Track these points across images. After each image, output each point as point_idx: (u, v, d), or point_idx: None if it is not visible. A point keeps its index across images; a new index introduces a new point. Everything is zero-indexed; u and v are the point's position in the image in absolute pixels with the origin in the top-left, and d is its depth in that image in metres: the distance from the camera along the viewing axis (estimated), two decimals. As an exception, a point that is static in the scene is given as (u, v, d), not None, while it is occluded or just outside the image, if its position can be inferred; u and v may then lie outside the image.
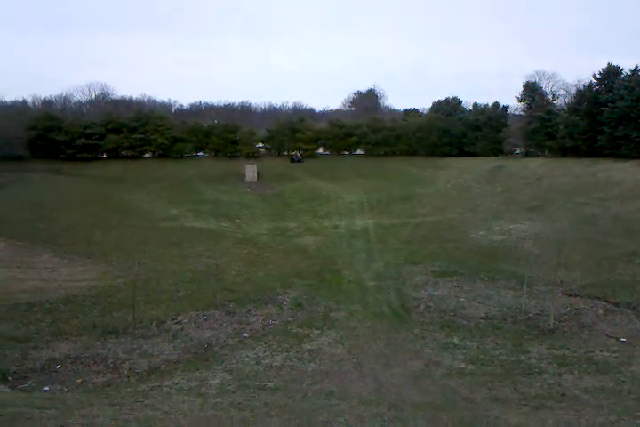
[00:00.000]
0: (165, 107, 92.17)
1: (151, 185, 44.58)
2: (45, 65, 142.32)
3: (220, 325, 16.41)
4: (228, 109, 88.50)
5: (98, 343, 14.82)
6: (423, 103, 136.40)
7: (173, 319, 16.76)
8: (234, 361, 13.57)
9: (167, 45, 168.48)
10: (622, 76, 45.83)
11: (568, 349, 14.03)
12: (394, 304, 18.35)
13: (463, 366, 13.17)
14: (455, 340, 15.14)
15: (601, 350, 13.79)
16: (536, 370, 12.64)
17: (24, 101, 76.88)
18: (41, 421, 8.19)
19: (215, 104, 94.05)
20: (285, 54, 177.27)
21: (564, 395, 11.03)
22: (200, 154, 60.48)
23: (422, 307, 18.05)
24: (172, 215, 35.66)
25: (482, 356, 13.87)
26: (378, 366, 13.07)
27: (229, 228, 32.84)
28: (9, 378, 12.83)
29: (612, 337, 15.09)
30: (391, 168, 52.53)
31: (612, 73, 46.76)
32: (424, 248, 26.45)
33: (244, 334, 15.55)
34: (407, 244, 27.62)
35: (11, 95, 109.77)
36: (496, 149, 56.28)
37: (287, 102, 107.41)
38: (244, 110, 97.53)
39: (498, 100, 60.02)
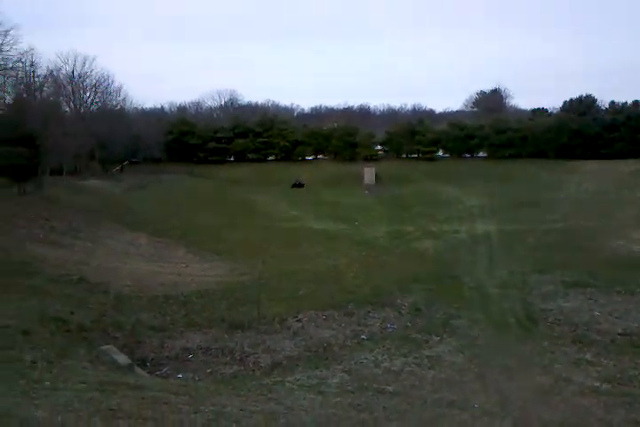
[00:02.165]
0: (288, 111, 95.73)
1: (274, 187, 46.43)
2: (180, 73, 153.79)
3: (339, 325, 16.63)
4: (348, 112, 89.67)
5: (226, 336, 15.67)
6: (553, 102, 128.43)
7: (294, 317, 17.25)
8: (352, 362, 13.69)
9: (290, 51, 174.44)
10: None
11: None
12: (519, 314, 17.44)
13: (597, 384, 12.19)
14: (588, 356, 14.06)
15: None
16: (686, 396, 11.38)
17: (162, 108, 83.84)
18: (176, 406, 8.82)
19: (335, 107, 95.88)
20: (405, 55, 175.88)
21: None
22: (320, 157, 61.96)
23: (551, 319, 16.97)
24: (293, 216, 36.86)
25: (618, 375, 12.74)
26: (502, 379, 12.51)
27: (347, 230, 33.23)
28: (147, 364, 13.97)
29: None
30: (516, 171, 50.10)
31: None
32: (553, 257, 24.86)
33: (363, 336, 15.63)
34: (534, 251, 26.14)
35: (150, 102, 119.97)
36: (636, 151, 51.54)
37: (406, 104, 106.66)
38: (363, 113, 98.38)
39: (639, 99, 55.07)
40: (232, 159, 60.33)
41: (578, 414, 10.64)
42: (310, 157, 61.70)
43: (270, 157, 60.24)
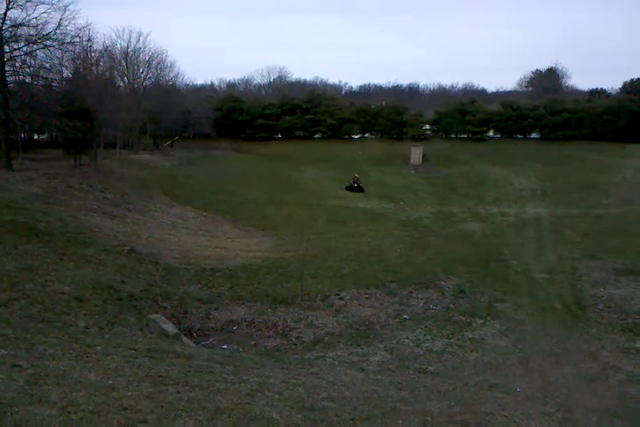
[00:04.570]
0: (336, 89, 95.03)
1: (320, 164, 46.39)
2: (230, 49, 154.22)
3: (381, 304, 16.68)
4: (396, 91, 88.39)
5: (269, 310, 15.98)
6: (613, 83, 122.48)
7: (337, 295, 17.39)
8: (394, 341, 13.75)
9: (339, 27, 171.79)
10: None
11: None
12: (567, 300, 17.03)
13: (647, 373, 11.87)
14: (638, 344, 13.67)
15: None
16: None
17: (212, 84, 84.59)
18: (222, 375, 9.09)
19: (383, 86, 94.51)
20: (457, 32, 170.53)
21: None
22: (367, 135, 61.37)
23: (600, 306, 16.50)
24: (339, 195, 36.82)
25: (672, 365, 12.36)
26: (546, 364, 12.32)
27: (392, 209, 33.02)
28: (194, 334, 14.42)
29: None
30: (570, 153, 48.32)
31: None
32: (605, 242, 24.03)
33: (405, 316, 15.64)
34: (585, 237, 25.34)
35: (200, 79, 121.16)
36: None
37: (457, 83, 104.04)
38: (412, 92, 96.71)
39: None
40: (279, 136, 60.50)
41: (624, 401, 10.41)
42: (357, 136, 61.19)
43: (317, 135, 60.06)
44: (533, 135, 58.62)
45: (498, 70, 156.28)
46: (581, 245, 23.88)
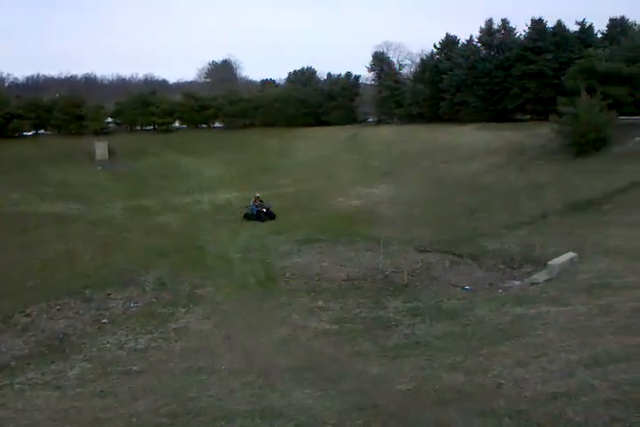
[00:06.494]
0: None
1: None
2: None
3: (77, 313, 15.40)
4: (71, 82, 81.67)
5: None
6: (279, 74, 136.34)
7: (22, 312, 15.36)
8: (94, 349, 12.88)
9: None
10: (459, 45, 49.52)
11: (420, 300, 15.18)
12: (260, 275, 18.49)
13: (328, 327, 13.71)
14: (320, 303, 15.67)
15: (448, 299, 15.08)
16: (393, 323, 13.51)
17: None
18: None
19: (55, 77, 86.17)
20: (133, 22, 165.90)
21: (417, 343, 11.91)
22: (41, 131, 55.25)
23: (288, 275, 18.40)
24: (14, 200, 32.38)
25: (345, 315, 14.54)
26: (246, 337, 13.16)
27: (80, 210, 30.61)
28: None
29: (457, 286, 16.58)
30: (251, 140, 52.11)
31: (450, 43, 50.38)
32: (288, 218, 26.86)
33: (104, 320, 14.77)
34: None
35: None
36: (351, 118, 58.19)
37: (137, 74, 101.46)
38: (90, 83, 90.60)
39: (350, 71, 61.82)
40: None
41: (312, 355, 11.81)
42: (30, 133, 54.55)
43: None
44: (217, 124, 61.26)
45: (177, 62, 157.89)
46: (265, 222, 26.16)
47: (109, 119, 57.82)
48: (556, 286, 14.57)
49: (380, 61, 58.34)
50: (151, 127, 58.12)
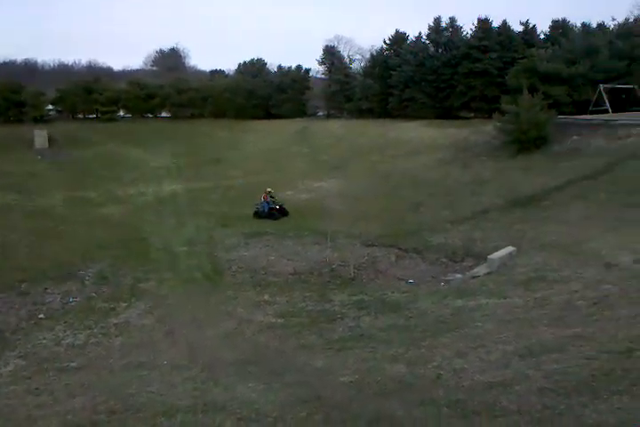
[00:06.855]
0: None
1: None
2: None
3: (11, 308, 14.79)
4: (10, 67, 77.66)
5: None
6: (229, 64, 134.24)
7: (-50, 309, 14.63)
8: (29, 345, 12.42)
9: None
10: (408, 41, 50.13)
11: (366, 294, 15.40)
12: (206, 268, 18.25)
13: (274, 320, 13.71)
14: (266, 297, 15.64)
15: (393, 292, 15.37)
16: (339, 316, 13.66)
17: None
18: None
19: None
20: (78, 7, 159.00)
21: (362, 335, 12.09)
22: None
23: (234, 268, 18.25)
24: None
25: (291, 309, 14.57)
26: (190, 332, 12.99)
27: (17, 200, 29.27)
28: None
29: (401, 279, 16.90)
30: (199, 131, 51.09)
31: (399, 39, 50.90)
32: (235, 211, 26.58)
33: (40, 316, 14.23)
34: (218, 207, 27.49)
35: None
36: (300, 111, 57.93)
37: (80, 60, 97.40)
38: (30, 68, 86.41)
39: (300, 63, 61.51)
40: None
41: (257, 349, 11.79)
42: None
43: None
44: (164, 114, 59.72)
45: (123, 49, 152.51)
46: (215, 215, 25.80)
47: (50, 106, 55.41)
48: (496, 279, 15.09)
49: (331, 55, 58.34)
50: (94, 116, 56.09)
